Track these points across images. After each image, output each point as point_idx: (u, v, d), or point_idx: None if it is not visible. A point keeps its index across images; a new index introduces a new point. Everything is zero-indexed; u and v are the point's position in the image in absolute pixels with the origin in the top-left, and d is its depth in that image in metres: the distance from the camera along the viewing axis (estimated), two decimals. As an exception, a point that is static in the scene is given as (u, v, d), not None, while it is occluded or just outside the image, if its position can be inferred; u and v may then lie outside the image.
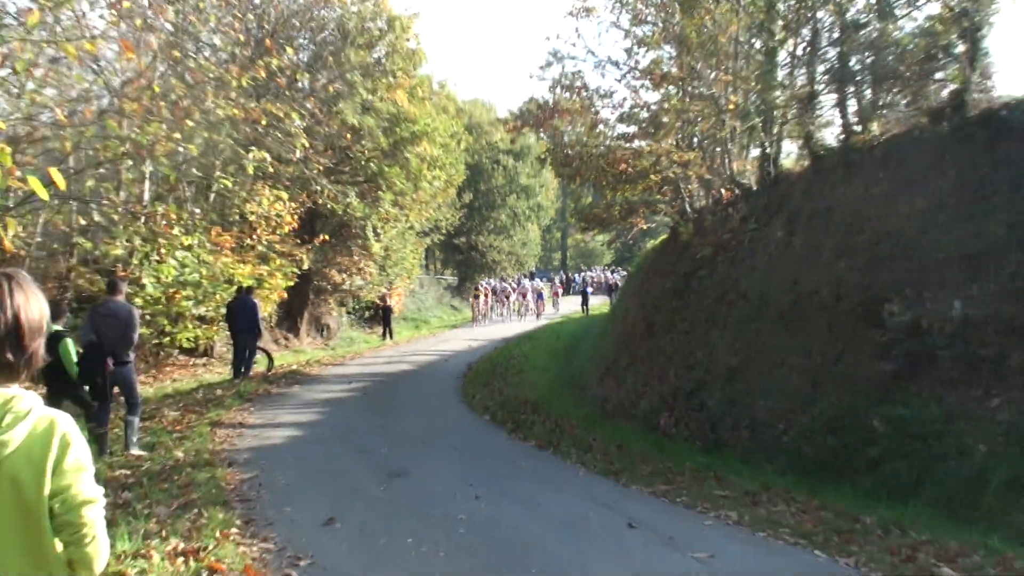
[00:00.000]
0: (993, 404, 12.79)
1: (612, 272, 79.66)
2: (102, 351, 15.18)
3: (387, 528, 10.90)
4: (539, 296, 61.11)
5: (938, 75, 17.66)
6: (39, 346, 3.47)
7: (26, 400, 3.38)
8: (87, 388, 15.62)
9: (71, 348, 15.23)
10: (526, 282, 66.17)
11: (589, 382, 28.74)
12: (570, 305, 63.40)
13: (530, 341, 39.78)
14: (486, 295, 57.45)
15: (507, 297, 60.68)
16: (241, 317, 26.17)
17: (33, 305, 3.44)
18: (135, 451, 15.44)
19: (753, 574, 9.14)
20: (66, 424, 3.49)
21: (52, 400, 16.26)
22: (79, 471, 3.48)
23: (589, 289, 62.06)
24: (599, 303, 58.51)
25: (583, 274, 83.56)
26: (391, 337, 44.17)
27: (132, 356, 15.77)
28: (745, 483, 14.01)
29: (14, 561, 3.39)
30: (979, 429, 12.64)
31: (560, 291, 69.75)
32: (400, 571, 9.17)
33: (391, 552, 9.87)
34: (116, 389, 15.85)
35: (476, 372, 29.58)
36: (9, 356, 3.35)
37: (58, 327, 15.53)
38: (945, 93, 17.16)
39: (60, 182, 10.10)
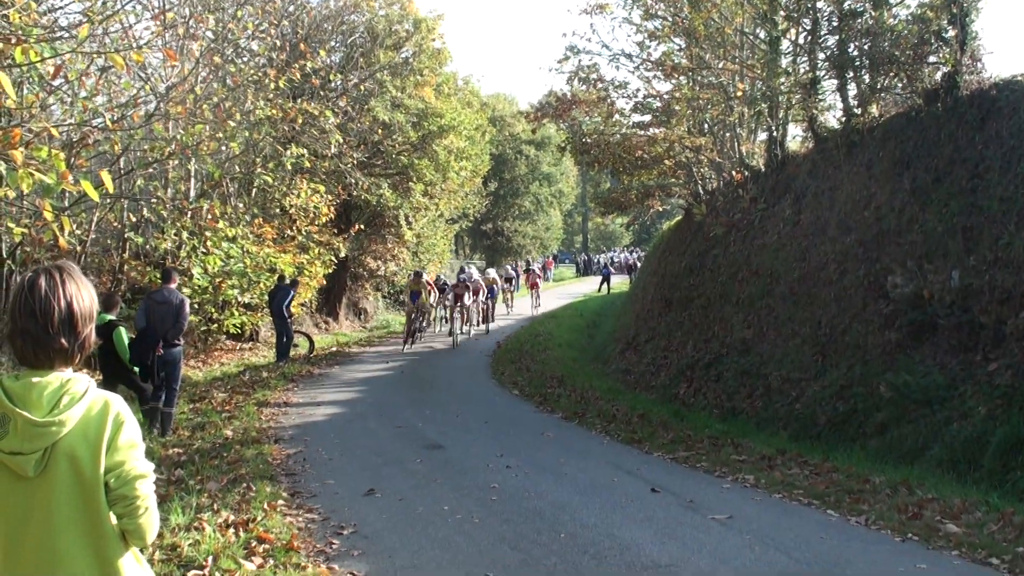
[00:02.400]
0: (992, 368, 12.76)
1: (631, 253, 79.27)
2: (154, 335, 15.23)
3: (424, 498, 10.91)
4: (490, 293, 39.75)
5: (931, 59, 17.57)
6: (90, 332, 3.51)
7: (81, 382, 3.43)
8: (137, 370, 15.68)
9: (124, 336, 15.30)
10: (473, 271, 39.43)
11: (611, 356, 28.76)
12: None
13: (554, 320, 39.71)
14: (429, 289, 33.44)
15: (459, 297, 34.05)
16: (273, 303, 26.38)
17: (84, 294, 3.49)
18: (162, 439, 15.40)
19: (770, 533, 9.11)
20: (119, 404, 3.54)
21: (107, 385, 16.36)
22: (132, 448, 3.53)
23: (611, 270, 60.12)
24: (619, 282, 57.77)
25: (607, 255, 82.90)
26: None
27: (182, 341, 15.78)
28: (760, 448, 13.96)
29: (72, 533, 3.42)
30: (979, 393, 12.60)
31: (540, 278, 48.49)
32: (437, 537, 9.16)
33: (428, 520, 9.87)
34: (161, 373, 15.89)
35: (504, 349, 29.51)
36: (64, 342, 3.39)
37: (111, 317, 15.59)
38: (938, 76, 17.12)
39: (109, 184, 10.10)
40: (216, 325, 27.14)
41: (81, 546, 3.45)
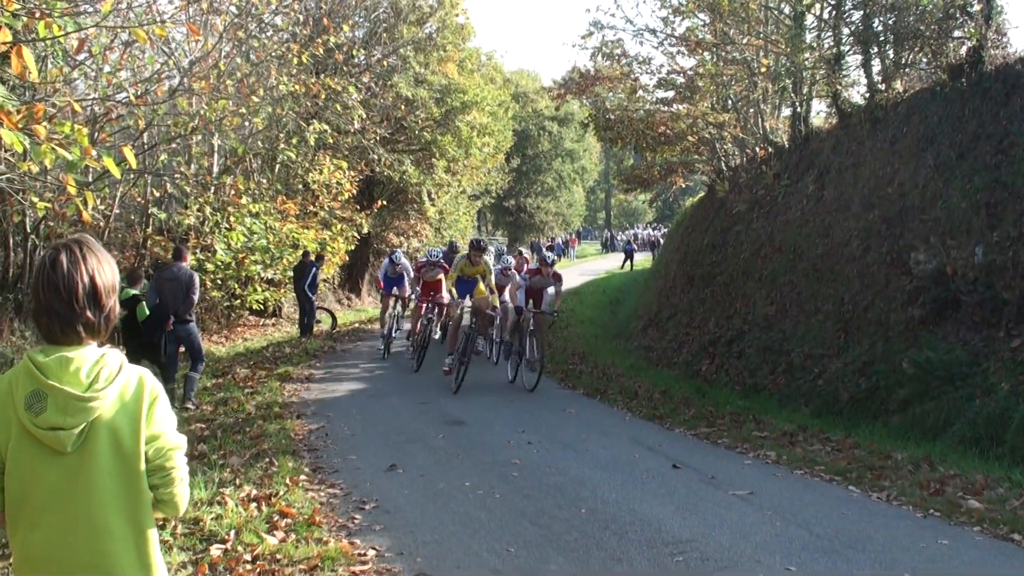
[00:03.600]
0: (1015, 344, 12.72)
1: (654, 229, 79.11)
2: (164, 312, 15.34)
3: (445, 473, 10.93)
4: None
5: (956, 33, 17.48)
6: (115, 304, 3.57)
7: (115, 357, 3.49)
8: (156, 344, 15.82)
9: (147, 310, 15.40)
10: (400, 255, 24.50)
11: (633, 333, 28.75)
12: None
13: (576, 296, 39.64)
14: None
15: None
16: (296, 280, 26.50)
17: (105, 267, 3.52)
18: (189, 404, 15.51)
19: (791, 509, 9.11)
20: (152, 379, 3.63)
21: (131, 359, 16.45)
22: (166, 420, 3.62)
23: (634, 247, 59.90)
24: (642, 259, 57.50)
25: (630, 232, 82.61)
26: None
27: (193, 316, 15.87)
28: (782, 424, 13.96)
29: (114, 506, 3.49)
30: (1002, 369, 12.56)
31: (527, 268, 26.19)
32: (458, 512, 9.19)
33: (449, 495, 9.90)
34: (182, 348, 16.00)
35: None
36: (91, 316, 3.43)
37: (135, 291, 15.67)
38: (963, 50, 17.02)
39: (132, 160, 10.13)
40: (239, 301, 27.26)
41: (122, 519, 3.52)
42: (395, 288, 23.31)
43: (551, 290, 18.93)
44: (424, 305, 20.86)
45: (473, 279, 19.12)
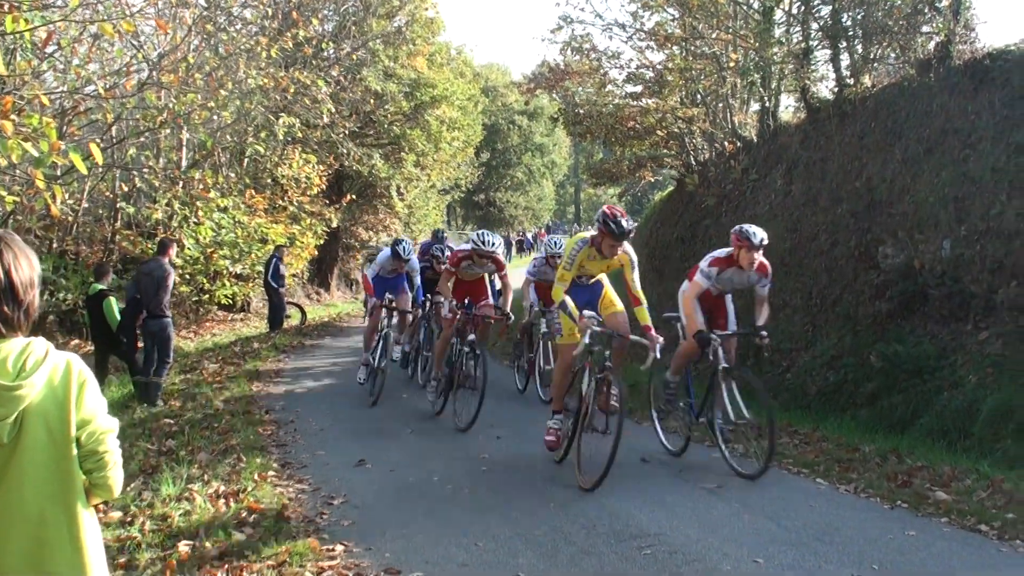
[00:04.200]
0: (982, 338, 12.80)
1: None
2: (137, 306, 15.28)
3: (415, 468, 10.92)
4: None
5: (925, 28, 17.59)
6: (34, 299, 3.60)
7: (39, 345, 3.56)
8: (124, 340, 15.75)
9: (114, 305, 15.38)
10: (408, 245, 17.30)
11: (602, 327, 28.72)
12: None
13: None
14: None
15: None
16: (264, 273, 26.52)
17: (23, 262, 3.56)
18: (151, 409, 15.35)
19: (759, 502, 9.15)
20: (79, 363, 3.67)
21: (98, 354, 16.41)
22: (97, 404, 3.68)
23: None
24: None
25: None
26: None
27: (167, 313, 15.73)
28: (751, 418, 14.00)
29: (46, 492, 3.53)
30: (970, 362, 12.66)
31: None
32: (427, 507, 9.19)
33: (418, 490, 9.90)
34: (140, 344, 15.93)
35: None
36: (6, 309, 3.48)
37: (102, 286, 15.64)
38: (931, 45, 17.13)
39: (98, 156, 10.13)
40: (208, 296, 27.19)
41: (55, 506, 3.56)
42: (388, 294, 16.67)
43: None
44: (456, 317, 13.86)
45: (596, 282, 11.91)
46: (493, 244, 13.94)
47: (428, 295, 17.40)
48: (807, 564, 7.33)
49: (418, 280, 17.60)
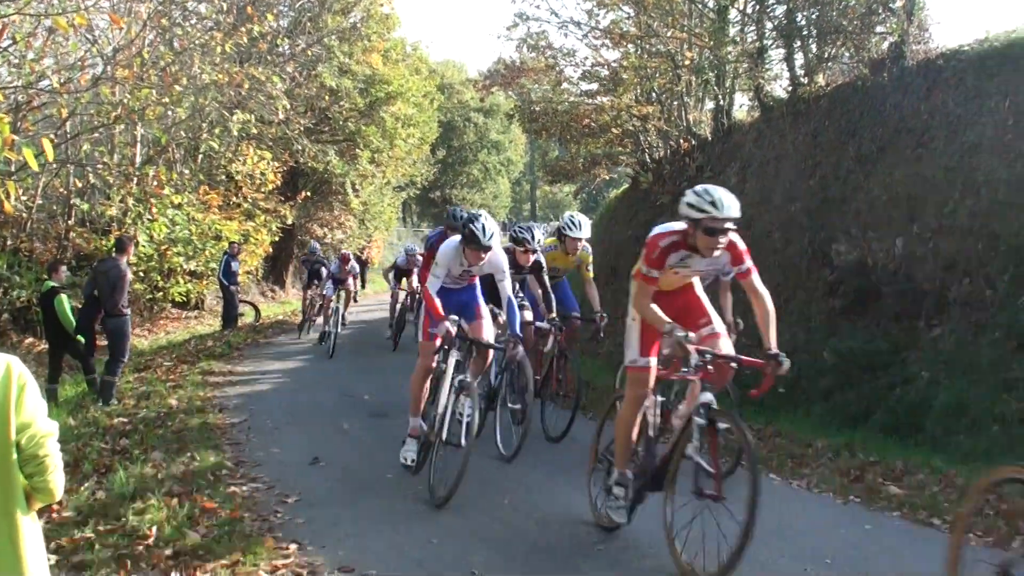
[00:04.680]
0: (935, 334, 12.88)
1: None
2: (95, 304, 15.17)
3: (369, 465, 10.92)
4: None
5: (879, 28, 17.68)
6: None
7: None
8: (82, 339, 15.62)
9: (65, 303, 15.23)
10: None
11: (557, 323, 28.73)
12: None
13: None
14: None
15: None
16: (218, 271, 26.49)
17: None
18: (105, 408, 15.18)
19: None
20: (19, 366, 3.61)
21: (52, 353, 16.25)
22: (38, 407, 3.62)
23: None
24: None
25: (548, 225, 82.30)
26: (363, 287, 43.77)
27: (126, 312, 15.60)
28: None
29: None
30: (923, 358, 12.74)
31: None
32: (381, 505, 9.18)
33: (372, 488, 9.88)
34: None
35: None
36: None
37: (54, 284, 15.49)
38: (885, 45, 17.21)
39: (50, 153, 10.05)
40: (161, 293, 27.07)
41: None
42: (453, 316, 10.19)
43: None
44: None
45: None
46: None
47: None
48: (761, 558, 7.34)
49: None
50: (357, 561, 7.44)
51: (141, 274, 24.94)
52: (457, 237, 10.11)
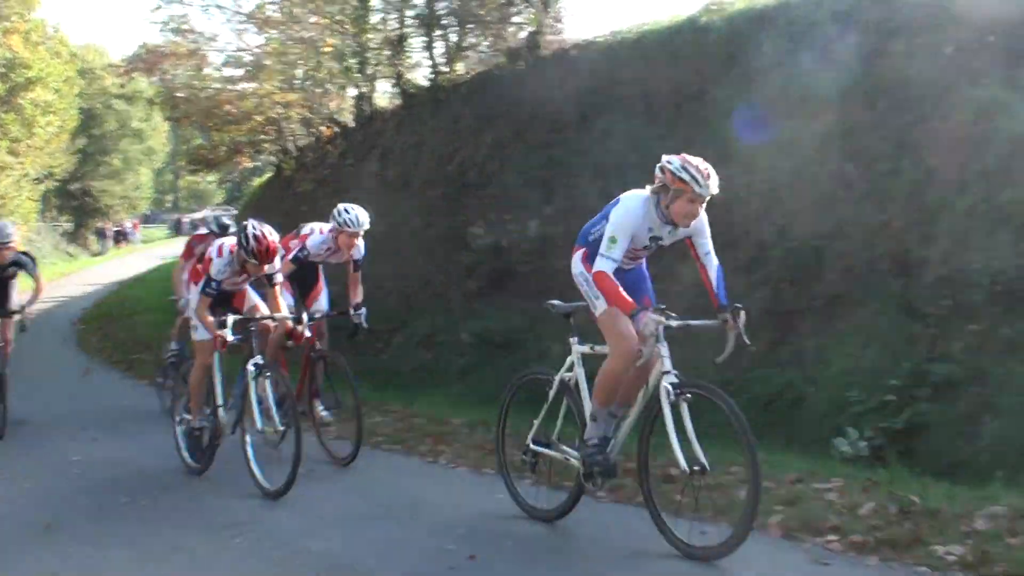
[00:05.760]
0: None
1: (225, 211, 77.90)
2: None
3: (7, 475, 10.33)
4: None
5: (516, 19, 18.16)
6: None
7: None
8: None
9: None
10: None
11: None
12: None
13: (143, 283, 38.50)
14: None
15: None
16: None
17: None
18: None
19: (350, 482, 9.18)
20: None
21: None
22: None
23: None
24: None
25: (203, 214, 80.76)
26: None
27: None
28: (345, 401, 13.97)
29: None
30: (554, 333, 13.06)
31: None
32: (15, 514, 8.69)
33: (6, 497, 9.36)
34: None
35: (90, 317, 29.34)
36: None
37: None
38: (522, 35, 17.61)
39: None
40: None
41: None
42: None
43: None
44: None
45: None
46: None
47: None
48: (394, 536, 7.32)
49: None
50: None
51: None
52: None
